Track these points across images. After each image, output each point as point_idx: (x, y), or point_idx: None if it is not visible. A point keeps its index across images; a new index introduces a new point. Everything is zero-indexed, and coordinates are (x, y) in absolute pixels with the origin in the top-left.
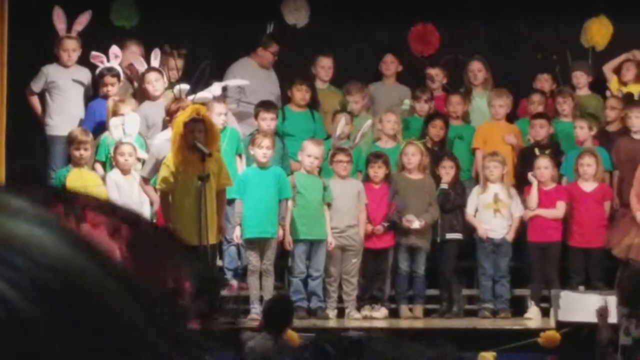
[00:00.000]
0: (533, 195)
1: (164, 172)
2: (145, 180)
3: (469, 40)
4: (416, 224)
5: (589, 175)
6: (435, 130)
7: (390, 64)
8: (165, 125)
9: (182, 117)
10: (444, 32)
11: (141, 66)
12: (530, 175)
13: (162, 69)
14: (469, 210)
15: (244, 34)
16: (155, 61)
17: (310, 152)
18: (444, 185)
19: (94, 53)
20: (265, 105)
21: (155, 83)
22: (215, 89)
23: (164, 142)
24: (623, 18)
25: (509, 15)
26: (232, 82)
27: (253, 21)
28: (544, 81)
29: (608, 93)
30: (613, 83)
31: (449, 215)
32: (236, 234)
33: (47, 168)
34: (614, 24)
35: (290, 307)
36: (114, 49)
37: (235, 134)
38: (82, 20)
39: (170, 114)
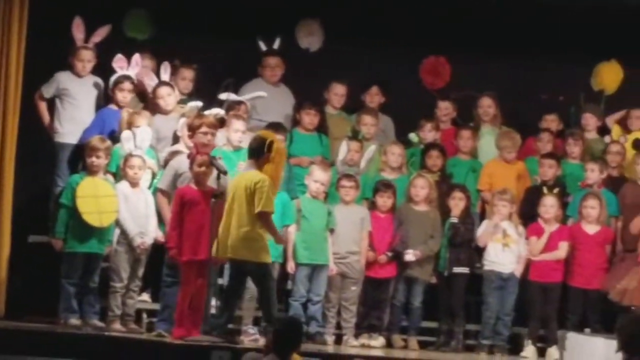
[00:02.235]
0: (541, 241)
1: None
2: (164, 193)
3: (481, 76)
4: (409, 256)
5: (592, 218)
6: (432, 160)
7: (374, 96)
8: (176, 139)
9: (282, 145)
10: (456, 66)
11: (151, 80)
12: (539, 220)
13: (172, 83)
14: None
15: (255, 52)
16: (165, 75)
17: (317, 178)
18: (453, 219)
19: (118, 56)
20: (274, 127)
21: (167, 98)
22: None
23: (184, 156)
24: (635, 63)
25: (522, 54)
26: (248, 96)
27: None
28: (550, 121)
29: (608, 138)
30: (615, 131)
31: (457, 248)
32: None
33: (53, 175)
34: (625, 68)
35: (300, 331)
36: (136, 57)
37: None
38: (101, 33)
39: (192, 129)
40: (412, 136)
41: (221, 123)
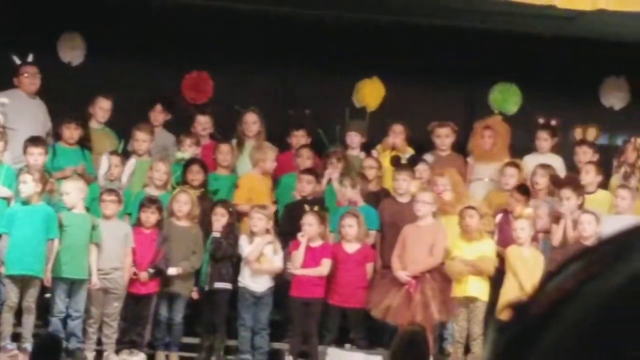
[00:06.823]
0: (299, 254)
1: None
2: None
3: (243, 91)
4: (171, 271)
5: (351, 236)
6: (192, 175)
7: (158, 114)
8: None
9: None
10: (218, 81)
11: None
12: (299, 235)
13: None
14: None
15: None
16: None
17: (66, 190)
18: (216, 234)
19: None
20: (34, 141)
21: None
22: None
23: None
24: (396, 80)
25: (286, 68)
26: None
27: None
28: (299, 137)
29: (362, 154)
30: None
31: (219, 264)
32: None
33: None
34: (386, 85)
35: (59, 347)
36: None
37: (11, 172)
38: None
39: None
40: (179, 153)
41: None
